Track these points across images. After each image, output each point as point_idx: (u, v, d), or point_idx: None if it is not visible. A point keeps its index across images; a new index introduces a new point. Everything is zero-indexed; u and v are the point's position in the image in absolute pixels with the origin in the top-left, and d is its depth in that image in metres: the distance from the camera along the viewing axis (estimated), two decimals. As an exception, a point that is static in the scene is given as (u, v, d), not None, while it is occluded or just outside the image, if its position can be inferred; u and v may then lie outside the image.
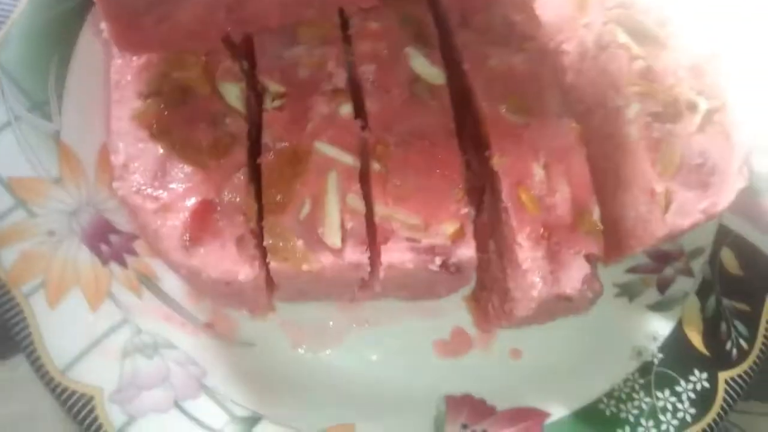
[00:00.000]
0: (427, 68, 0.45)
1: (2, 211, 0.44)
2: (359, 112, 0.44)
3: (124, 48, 0.40)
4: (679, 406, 0.49)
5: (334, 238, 0.39)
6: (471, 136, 0.47)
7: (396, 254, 0.40)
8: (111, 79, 0.41)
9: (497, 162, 0.43)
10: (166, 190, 0.38)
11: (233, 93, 0.42)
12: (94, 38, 0.49)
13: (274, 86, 0.43)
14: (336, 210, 0.40)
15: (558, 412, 0.48)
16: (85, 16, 0.50)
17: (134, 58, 0.41)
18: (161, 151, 0.39)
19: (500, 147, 0.43)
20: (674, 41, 0.47)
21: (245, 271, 0.38)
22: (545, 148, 0.43)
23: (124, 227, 0.47)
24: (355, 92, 0.44)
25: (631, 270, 0.53)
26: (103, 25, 0.39)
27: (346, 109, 0.43)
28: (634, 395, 0.49)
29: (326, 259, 0.39)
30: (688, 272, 0.53)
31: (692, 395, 0.49)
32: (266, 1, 0.41)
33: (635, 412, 0.49)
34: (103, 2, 0.37)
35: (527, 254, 0.41)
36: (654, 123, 0.45)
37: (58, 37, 0.49)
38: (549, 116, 0.45)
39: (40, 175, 0.46)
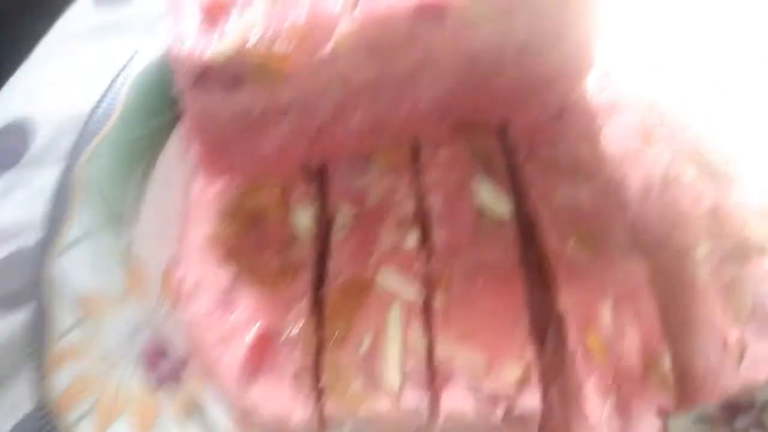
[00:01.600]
0: (495, 201, 0.45)
1: (63, 329, 0.45)
2: (424, 242, 0.44)
3: (210, 171, 0.42)
4: None
5: (393, 379, 0.38)
6: (535, 271, 0.46)
7: (456, 401, 0.38)
8: (189, 200, 0.42)
9: (563, 302, 0.42)
10: (230, 319, 0.39)
11: (304, 219, 0.43)
12: (178, 158, 0.51)
13: (343, 214, 0.44)
14: (397, 347, 0.39)
15: None
16: (170, 134, 0.52)
17: (215, 181, 0.43)
18: (229, 276, 0.40)
19: (566, 285, 0.42)
20: (742, 180, 0.46)
21: (299, 413, 0.37)
22: (613, 287, 0.42)
23: (179, 350, 0.47)
24: (422, 222, 0.44)
25: (700, 420, 0.50)
26: (191, 147, 0.41)
27: (413, 240, 0.43)
28: None
29: (383, 404, 0.38)
30: (761, 426, 0.49)
31: None
32: (345, 132, 0.43)
33: None
34: (196, 128, 0.39)
35: (595, 408, 0.39)
36: (724, 265, 0.43)
37: (143, 152, 0.51)
38: (616, 253, 0.44)
39: (106, 291, 0.47)
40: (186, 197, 0.44)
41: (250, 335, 0.38)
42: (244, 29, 0.34)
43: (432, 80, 0.42)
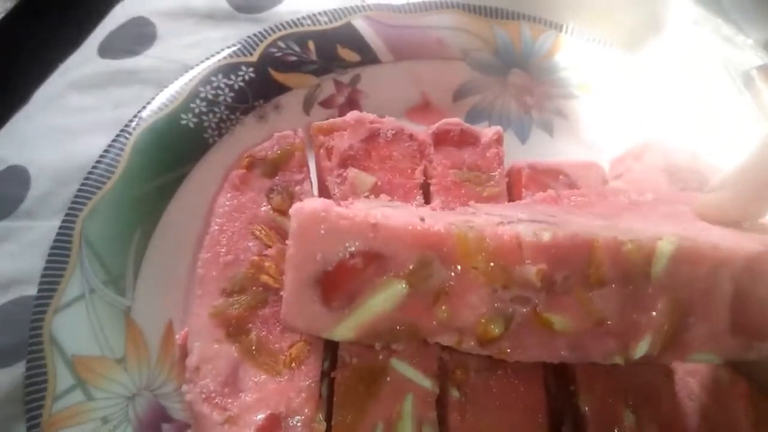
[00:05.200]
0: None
1: (61, 391, 0.43)
2: None
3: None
4: None
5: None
6: (553, 366, 0.43)
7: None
8: (196, 273, 0.42)
9: (583, 401, 0.41)
10: (235, 400, 0.37)
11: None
12: (181, 220, 0.50)
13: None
14: (411, 440, 0.38)
15: None
16: (172, 194, 0.51)
17: (222, 252, 0.42)
18: (236, 354, 0.39)
19: (586, 383, 0.41)
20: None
21: None
22: (634, 387, 0.41)
23: (178, 415, 0.45)
24: None
25: None
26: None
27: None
28: None
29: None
30: None
31: None
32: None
33: None
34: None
35: None
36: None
37: (143, 212, 0.49)
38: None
39: (104, 353, 0.45)
40: (188, 264, 0.43)
41: (257, 418, 0.37)
42: (366, 320, 0.35)
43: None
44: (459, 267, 0.34)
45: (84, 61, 0.64)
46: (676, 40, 0.69)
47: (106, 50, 0.64)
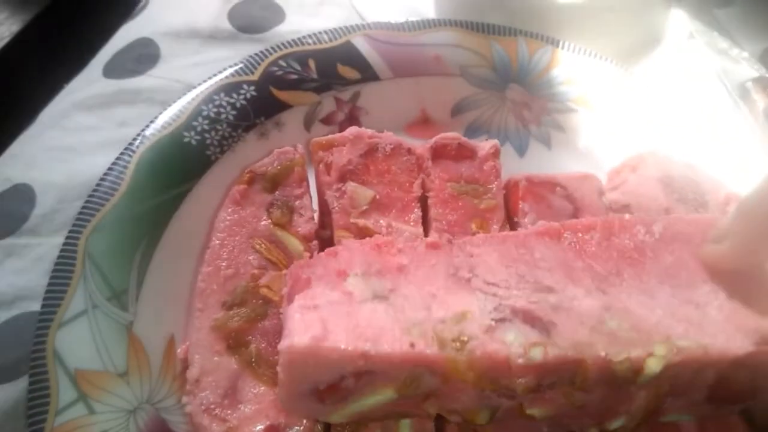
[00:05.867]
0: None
1: (63, 405, 0.43)
2: None
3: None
4: None
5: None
6: None
7: None
8: (197, 287, 0.42)
9: None
10: (235, 411, 0.38)
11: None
12: (182, 237, 0.50)
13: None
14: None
15: None
16: (175, 210, 0.51)
17: (223, 266, 0.43)
18: (235, 366, 0.39)
19: None
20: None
21: None
22: None
23: (180, 428, 0.45)
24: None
25: None
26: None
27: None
28: None
29: None
30: None
31: None
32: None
33: None
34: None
35: None
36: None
37: (147, 228, 0.50)
38: None
39: (107, 367, 0.45)
40: (190, 279, 0.44)
41: (256, 429, 0.37)
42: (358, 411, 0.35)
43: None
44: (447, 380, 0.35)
45: (89, 81, 0.65)
46: (672, 53, 0.70)
47: (111, 71, 0.66)
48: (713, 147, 0.57)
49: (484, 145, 0.50)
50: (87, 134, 0.61)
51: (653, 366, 0.35)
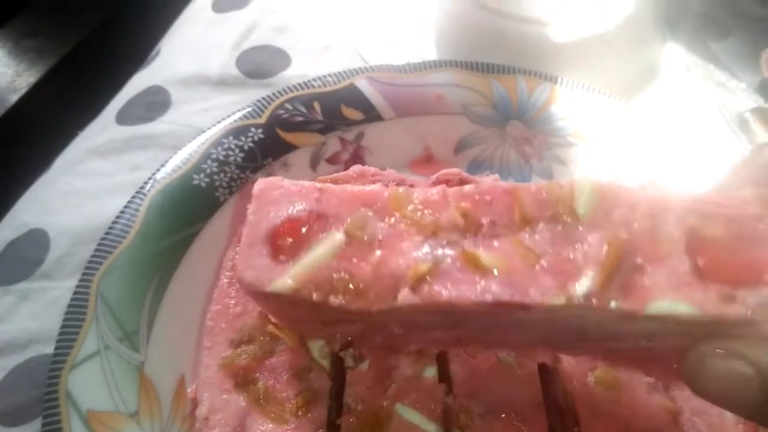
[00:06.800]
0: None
1: None
2: (443, 376, 0.43)
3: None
4: None
5: None
6: (556, 408, 0.45)
7: None
8: (205, 325, 0.43)
9: None
10: (245, 449, 0.38)
11: (318, 346, 0.43)
12: (192, 277, 0.51)
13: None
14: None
15: None
16: (185, 251, 0.53)
17: (231, 304, 0.44)
18: (243, 403, 0.40)
19: (590, 426, 0.41)
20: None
21: None
22: (639, 429, 0.41)
23: (190, 470, 0.46)
24: (441, 355, 0.44)
25: None
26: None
27: (431, 372, 0.43)
28: None
29: None
30: None
31: None
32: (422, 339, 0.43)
33: None
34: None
35: None
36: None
37: (158, 270, 0.51)
38: (639, 392, 0.43)
39: (118, 408, 0.46)
40: (200, 318, 0.44)
41: (265, 467, 0.38)
42: (307, 270, 0.35)
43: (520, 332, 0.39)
44: (392, 219, 0.36)
45: (103, 128, 0.67)
46: (670, 86, 0.71)
47: (124, 117, 0.68)
48: (713, 178, 0.57)
49: (485, 180, 0.51)
50: (100, 179, 0.63)
51: (583, 186, 0.35)
